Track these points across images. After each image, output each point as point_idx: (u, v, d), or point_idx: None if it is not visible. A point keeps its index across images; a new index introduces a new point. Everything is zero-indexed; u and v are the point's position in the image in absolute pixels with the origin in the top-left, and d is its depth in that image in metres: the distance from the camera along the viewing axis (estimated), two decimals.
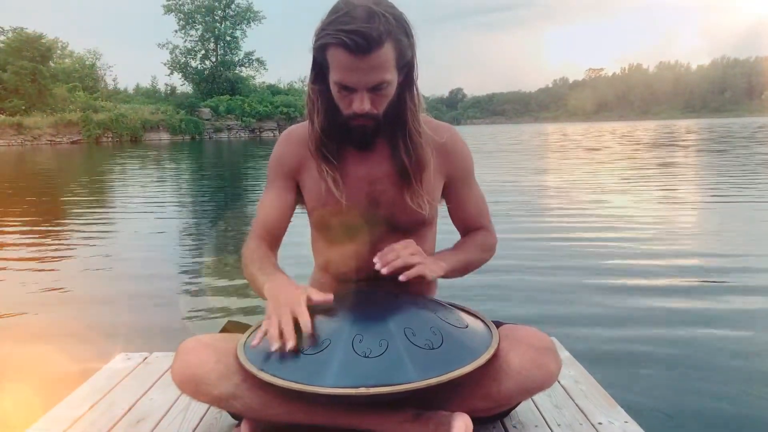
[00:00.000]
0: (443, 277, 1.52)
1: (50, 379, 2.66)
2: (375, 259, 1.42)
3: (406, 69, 1.42)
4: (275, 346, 1.25)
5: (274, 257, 1.58)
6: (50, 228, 7.40)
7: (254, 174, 15.24)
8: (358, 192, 1.52)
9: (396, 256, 1.40)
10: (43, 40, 47.44)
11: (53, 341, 3.26)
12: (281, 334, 1.26)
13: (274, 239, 1.60)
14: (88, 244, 6.18)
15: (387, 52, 1.33)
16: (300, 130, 1.61)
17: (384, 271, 1.38)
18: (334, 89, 1.40)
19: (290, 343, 1.25)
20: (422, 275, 1.40)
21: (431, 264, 1.45)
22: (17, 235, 6.74)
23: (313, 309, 1.45)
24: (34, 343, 3.23)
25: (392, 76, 1.38)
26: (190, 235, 6.96)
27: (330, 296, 1.36)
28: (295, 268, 1.74)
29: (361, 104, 1.37)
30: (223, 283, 4.49)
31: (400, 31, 1.35)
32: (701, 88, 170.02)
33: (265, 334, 1.30)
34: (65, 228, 7.41)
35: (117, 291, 4.31)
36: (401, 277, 1.38)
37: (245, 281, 1.55)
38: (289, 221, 1.62)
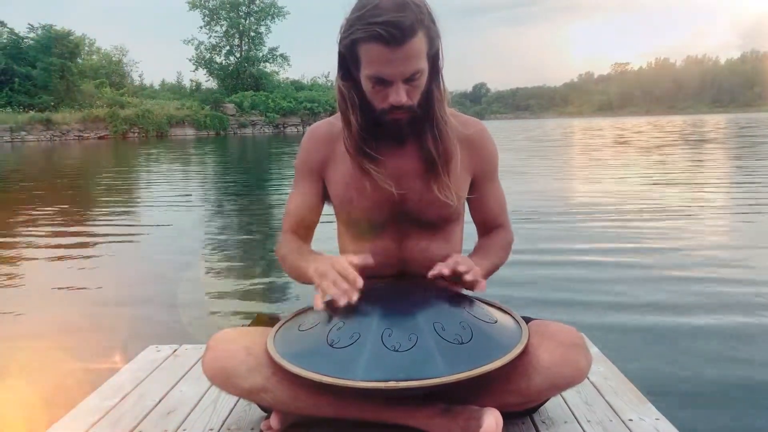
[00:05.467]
0: None
1: (82, 371, 2.70)
2: (463, 269, 1.36)
3: (433, 58, 1.41)
4: (343, 301, 1.28)
5: (310, 247, 1.61)
6: (80, 223, 7.51)
7: (279, 170, 15.31)
8: (387, 187, 1.52)
9: (468, 268, 1.37)
10: (71, 37, 47.98)
11: (85, 334, 3.31)
12: (342, 290, 1.29)
13: (305, 233, 1.62)
14: (118, 239, 6.26)
15: (420, 41, 1.33)
16: (323, 126, 1.61)
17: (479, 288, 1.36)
18: (367, 85, 1.39)
19: (354, 291, 1.29)
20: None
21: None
22: (48, 230, 6.85)
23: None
24: (67, 336, 3.28)
25: (425, 65, 1.37)
26: (219, 229, 7.02)
27: (368, 258, 1.38)
28: None
29: (398, 96, 1.36)
30: (252, 276, 4.51)
31: (429, 19, 1.35)
32: (730, 83, 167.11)
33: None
34: (95, 223, 7.52)
35: (146, 284, 4.36)
36: (478, 289, 1.36)
37: (274, 275, 1.56)
38: (319, 215, 1.63)
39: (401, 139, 1.48)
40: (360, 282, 1.30)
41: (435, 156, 1.47)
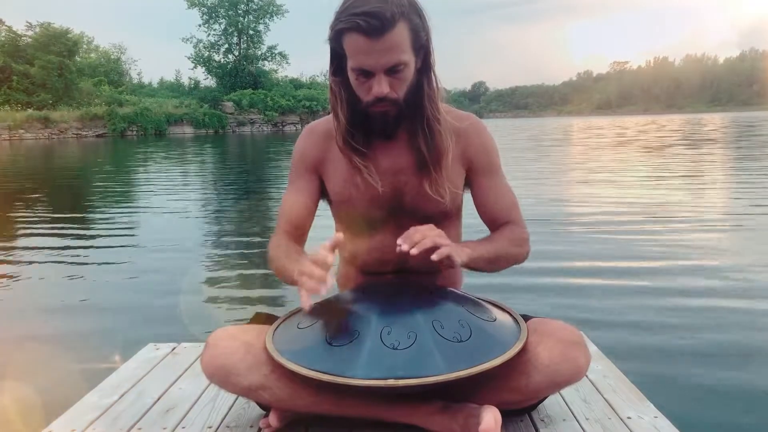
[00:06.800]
0: (468, 266, 1.43)
1: (81, 369, 2.70)
2: (399, 240, 1.32)
3: (423, 53, 1.42)
4: (311, 295, 1.23)
5: (300, 248, 1.58)
6: (77, 220, 7.50)
7: (277, 169, 15.30)
8: (383, 183, 1.52)
9: (422, 236, 1.33)
10: (69, 35, 47.97)
11: (83, 331, 3.31)
12: (314, 285, 1.23)
13: (299, 233, 1.60)
14: (115, 236, 6.26)
15: (401, 32, 1.33)
16: (321, 124, 1.62)
17: (413, 251, 1.29)
18: (352, 77, 1.40)
19: (325, 286, 1.22)
20: (450, 256, 1.32)
21: (456, 248, 1.38)
22: (45, 228, 6.84)
23: (342, 301, 1.46)
24: (66, 334, 3.28)
25: (408, 57, 1.37)
26: (217, 227, 7.02)
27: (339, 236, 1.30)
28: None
29: (380, 87, 1.37)
30: (250, 274, 4.51)
31: (413, 12, 1.35)
32: (729, 81, 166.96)
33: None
34: (93, 220, 7.51)
35: (145, 282, 4.36)
36: (434, 256, 1.29)
37: (272, 272, 1.56)
38: (313, 215, 1.62)
39: (389, 133, 1.48)
40: (330, 279, 1.23)
41: (426, 153, 1.47)
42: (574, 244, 5.23)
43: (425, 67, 1.44)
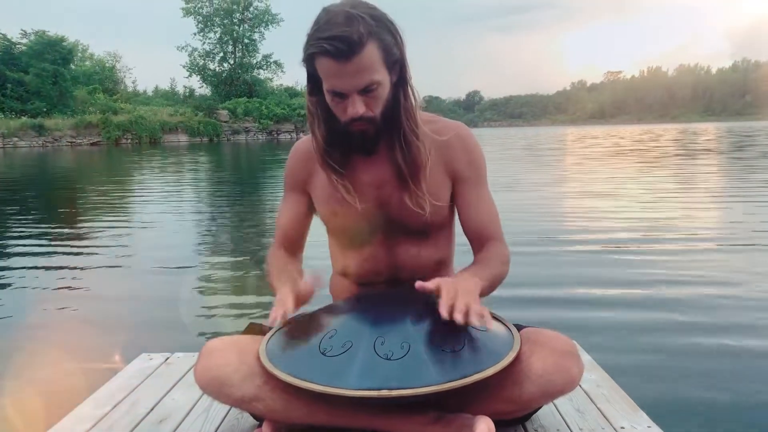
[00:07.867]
0: None
1: (74, 379, 2.69)
2: (448, 315, 1.25)
3: (398, 67, 1.41)
4: (274, 318, 1.33)
5: (295, 261, 1.65)
6: (70, 229, 7.48)
7: (272, 177, 15.29)
8: (368, 197, 1.52)
9: (465, 306, 1.26)
10: (64, 43, 47.94)
11: (76, 341, 3.29)
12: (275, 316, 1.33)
13: (294, 245, 1.67)
14: (109, 245, 6.23)
15: (371, 53, 1.33)
16: (306, 143, 1.63)
17: (460, 319, 1.23)
18: (327, 98, 1.41)
19: (284, 312, 1.33)
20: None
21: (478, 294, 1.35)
22: (39, 236, 6.82)
23: (336, 310, 1.46)
24: (57, 344, 3.26)
25: (381, 77, 1.37)
26: (210, 237, 7.01)
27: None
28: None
29: (354, 108, 1.37)
30: (244, 284, 4.51)
31: (382, 30, 1.34)
32: (721, 92, 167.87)
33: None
34: (86, 229, 7.49)
35: (138, 292, 4.34)
36: (474, 321, 1.25)
37: (266, 284, 1.58)
38: (307, 228, 1.67)
39: (370, 150, 1.48)
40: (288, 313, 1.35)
41: (403, 166, 1.47)
42: (570, 256, 5.24)
43: (401, 80, 1.43)
